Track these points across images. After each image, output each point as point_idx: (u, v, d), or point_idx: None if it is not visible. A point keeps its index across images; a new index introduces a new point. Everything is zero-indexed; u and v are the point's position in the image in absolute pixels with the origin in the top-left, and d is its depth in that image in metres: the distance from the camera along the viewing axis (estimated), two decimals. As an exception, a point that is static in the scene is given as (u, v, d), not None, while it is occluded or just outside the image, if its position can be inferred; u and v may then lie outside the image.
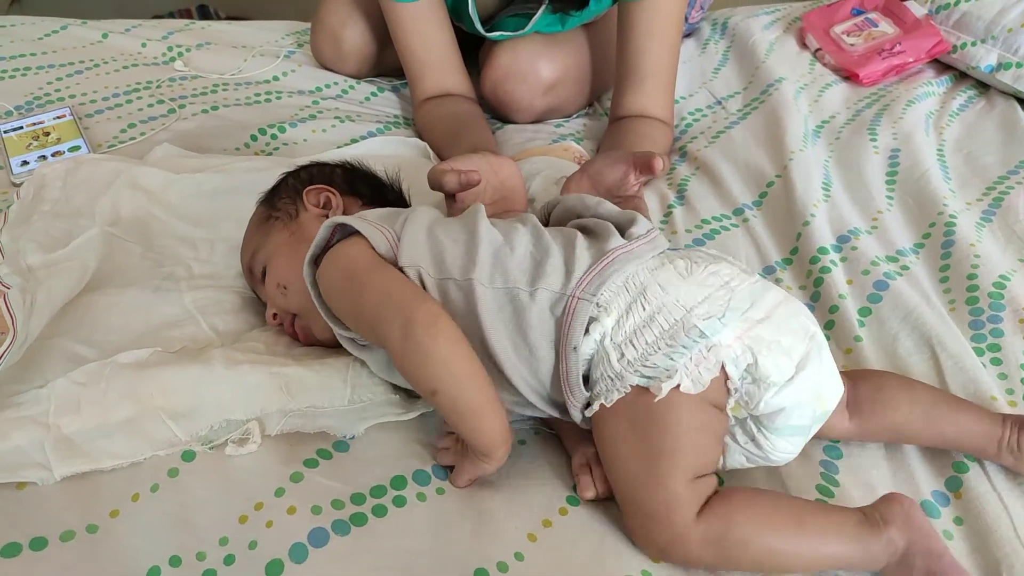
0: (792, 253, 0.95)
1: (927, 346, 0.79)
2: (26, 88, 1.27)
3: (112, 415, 0.67)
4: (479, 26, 1.20)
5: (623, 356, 0.63)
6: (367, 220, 0.71)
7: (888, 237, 0.96)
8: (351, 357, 0.73)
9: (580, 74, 1.26)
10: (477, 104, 1.22)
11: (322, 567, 0.61)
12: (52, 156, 1.08)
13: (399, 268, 0.69)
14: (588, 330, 0.64)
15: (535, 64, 1.20)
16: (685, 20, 1.27)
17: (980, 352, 0.79)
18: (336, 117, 1.22)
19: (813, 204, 0.99)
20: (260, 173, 0.97)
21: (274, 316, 0.79)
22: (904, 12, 1.41)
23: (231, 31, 1.52)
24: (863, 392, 0.70)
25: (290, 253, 0.77)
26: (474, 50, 1.32)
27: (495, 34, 1.21)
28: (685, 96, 1.34)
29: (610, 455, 0.65)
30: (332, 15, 1.33)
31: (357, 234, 0.70)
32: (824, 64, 1.40)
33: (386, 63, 1.34)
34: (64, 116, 1.16)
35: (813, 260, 0.91)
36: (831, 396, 0.66)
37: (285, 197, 0.83)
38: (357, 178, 0.86)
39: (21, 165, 1.06)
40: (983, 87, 1.32)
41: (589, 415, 0.66)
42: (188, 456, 0.68)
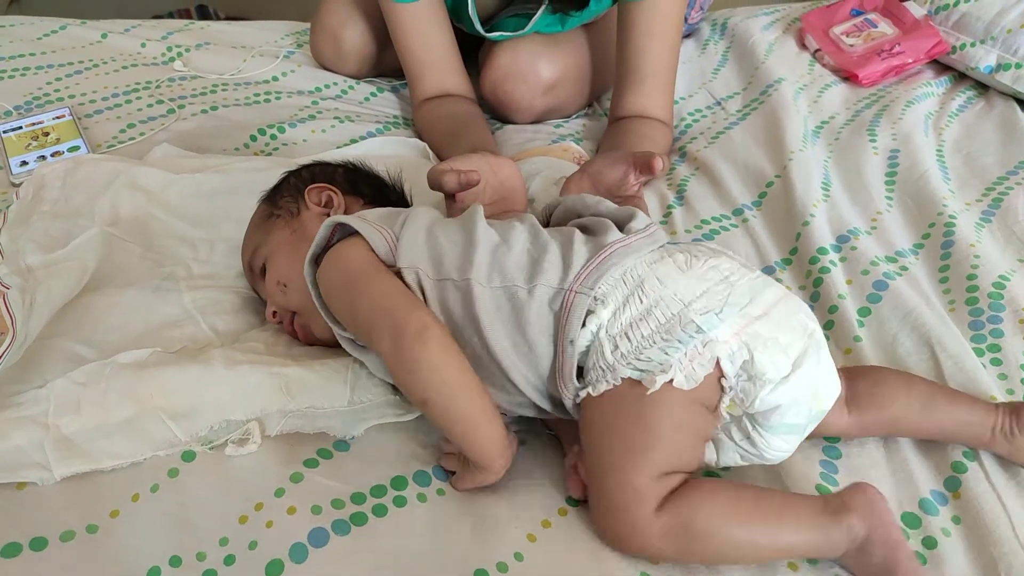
0: (792, 253, 0.95)
1: (927, 346, 0.79)
2: (25, 88, 1.27)
3: (112, 415, 0.67)
4: (479, 26, 1.20)
5: (616, 348, 0.63)
6: (367, 220, 0.71)
7: (887, 237, 0.96)
8: (351, 357, 0.73)
9: (580, 74, 1.26)
10: (477, 104, 1.22)
11: (322, 567, 0.61)
12: (51, 156, 1.08)
13: (398, 269, 0.68)
14: (585, 323, 0.64)
15: (535, 64, 1.20)
16: (685, 21, 1.27)
17: (980, 352, 0.80)
18: (336, 117, 1.22)
19: (812, 204, 0.99)
20: (259, 173, 0.97)
21: (274, 314, 0.79)
22: (903, 13, 1.41)
23: (230, 31, 1.52)
24: (861, 387, 0.70)
25: (291, 251, 0.77)
26: (474, 50, 1.32)
27: (495, 34, 1.21)
28: (685, 96, 1.34)
29: (588, 443, 0.64)
30: (332, 15, 1.33)
31: (357, 234, 0.70)
32: (823, 65, 1.40)
33: (386, 63, 1.34)
34: (63, 116, 1.16)
35: (812, 260, 0.91)
36: (828, 395, 0.66)
37: (287, 195, 0.83)
38: (359, 178, 0.86)
39: (20, 165, 1.06)
40: (982, 88, 1.32)
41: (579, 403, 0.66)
42: (188, 456, 0.68)
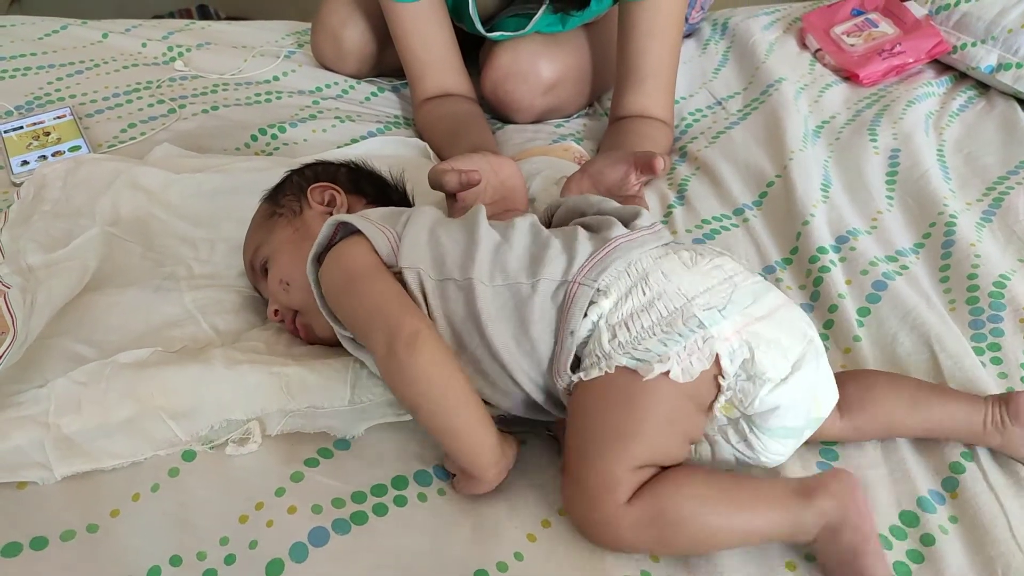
0: (792, 253, 0.95)
1: (926, 346, 0.79)
2: (26, 88, 1.27)
3: (112, 415, 0.67)
4: (479, 26, 1.20)
5: (615, 337, 0.63)
6: (369, 219, 0.71)
7: (888, 237, 0.96)
8: (352, 357, 0.73)
9: (580, 74, 1.26)
10: (477, 104, 1.22)
11: (322, 566, 0.61)
12: (52, 156, 1.08)
13: (400, 269, 0.68)
14: (587, 313, 0.64)
15: (535, 64, 1.20)
16: (685, 20, 1.27)
17: (980, 352, 0.79)
18: (336, 117, 1.22)
19: (813, 204, 0.99)
20: (260, 173, 0.97)
21: (275, 312, 0.79)
22: (904, 13, 1.41)
23: (231, 31, 1.52)
24: (852, 391, 0.70)
25: (294, 250, 0.77)
26: (474, 50, 1.32)
27: (495, 34, 1.21)
28: (685, 96, 1.34)
29: (571, 428, 0.64)
30: (332, 15, 1.33)
31: (359, 233, 0.70)
32: (824, 64, 1.40)
33: (386, 63, 1.34)
34: (64, 116, 1.16)
35: (812, 260, 0.91)
36: (826, 401, 0.66)
37: (289, 194, 0.83)
38: (362, 177, 0.86)
39: (21, 165, 1.06)
40: (983, 88, 1.32)
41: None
42: (188, 456, 0.68)
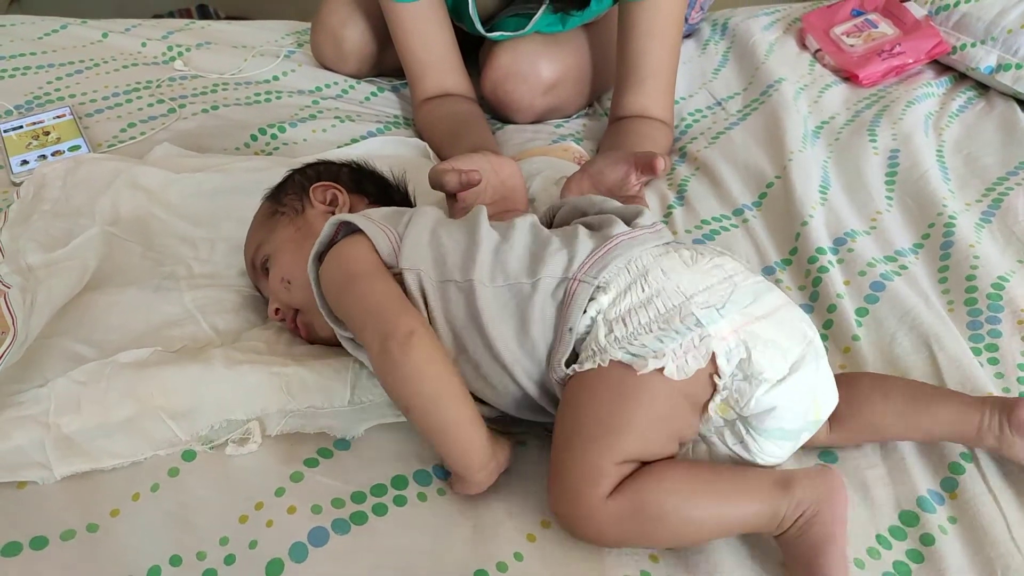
0: (791, 253, 0.95)
1: (925, 346, 0.79)
2: (26, 87, 1.27)
3: (112, 414, 0.67)
4: (479, 26, 1.20)
5: (611, 332, 0.63)
6: (371, 219, 0.71)
7: (887, 237, 0.96)
8: (352, 357, 0.73)
9: (580, 74, 1.26)
10: (477, 104, 1.22)
11: (322, 566, 0.61)
12: (52, 155, 1.08)
13: (400, 270, 0.68)
14: (586, 309, 0.64)
15: (535, 64, 1.20)
16: (685, 21, 1.27)
17: (978, 352, 0.80)
18: (336, 117, 1.22)
19: (812, 205, 0.99)
20: (260, 173, 0.97)
21: (276, 311, 0.79)
22: (904, 13, 1.41)
23: (231, 31, 1.52)
24: (839, 400, 0.68)
25: (295, 249, 0.77)
26: (474, 50, 1.32)
27: (495, 34, 1.21)
28: (685, 97, 1.34)
29: (560, 419, 0.64)
30: (332, 15, 1.33)
31: (361, 233, 0.70)
32: (824, 65, 1.40)
33: (386, 63, 1.34)
34: (64, 115, 1.16)
35: (811, 260, 0.91)
36: (825, 404, 0.65)
37: (291, 193, 0.83)
38: (364, 177, 0.86)
39: (21, 164, 1.07)
40: (983, 88, 1.32)
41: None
42: (188, 456, 0.68)
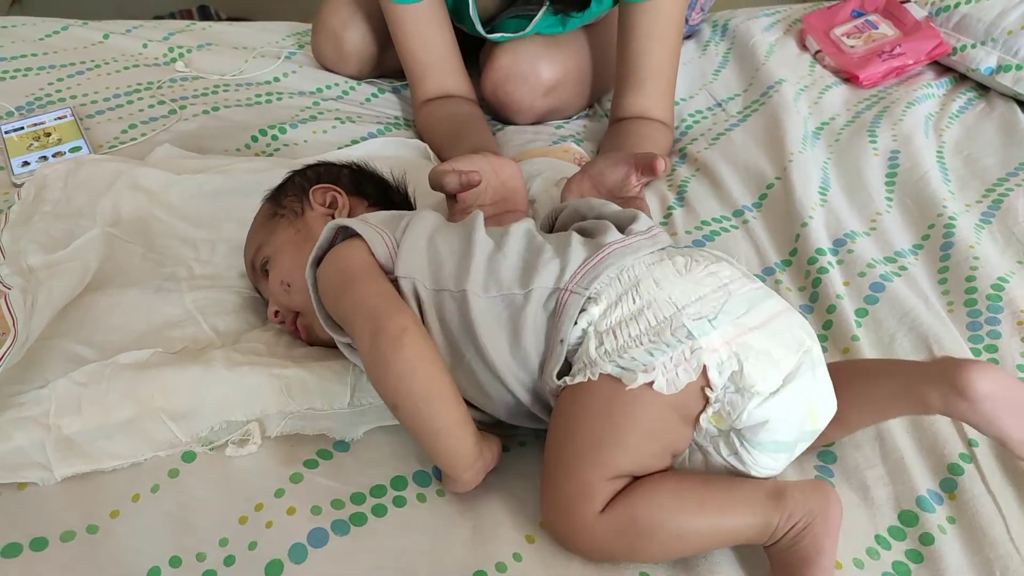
0: (791, 254, 0.95)
1: (924, 346, 0.79)
2: (27, 89, 1.27)
3: (113, 416, 0.67)
4: (480, 27, 1.20)
5: (601, 344, 0.62)
6: (369, 224, 0.71)
7: (887, 238, 0.96)
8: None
9: (581, 75, 1.26)
10: (478, 105, 1.22)
11: (322, 567, 0.61)
12: (53, 157, 1.08)
13: (395, 277, 0.68)
14: (577, 320, 0.64)
15: (536, 65, 1.20)
16: (686, 22, 1.27)
17: (977, 353, 0.80)
18: (337, 118, 1.22)
19: (812, 206, 0.99)
20: (261, 174, 0.97)
21: (276, 313, 0.79)
22: (904, 14, 1.41)
23: (232, 32, 1.52)
24: None
25: (295, 251, 0.77)
26: (475, 51, 1.33)
27: (496, 35, 1.21)
28: (685, 98, 1.34)
29: (552, 432, 0.63)
30: (333, 16, 1.33)
31: (359, 237, 0.70)
32: (824, 66, 1.40)
33: (387, 64, 1.34)
34: (65, 117, 1.17)
35: (811, 261, 0.92)
36: (823, 415, 0.63)
37: (291, 195, 0.83)
38: (364, 179, 0.86)
39: (22, 166, 1.07)
40: (983, 89, 1.32)
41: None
42: (188, 457, 0.68)
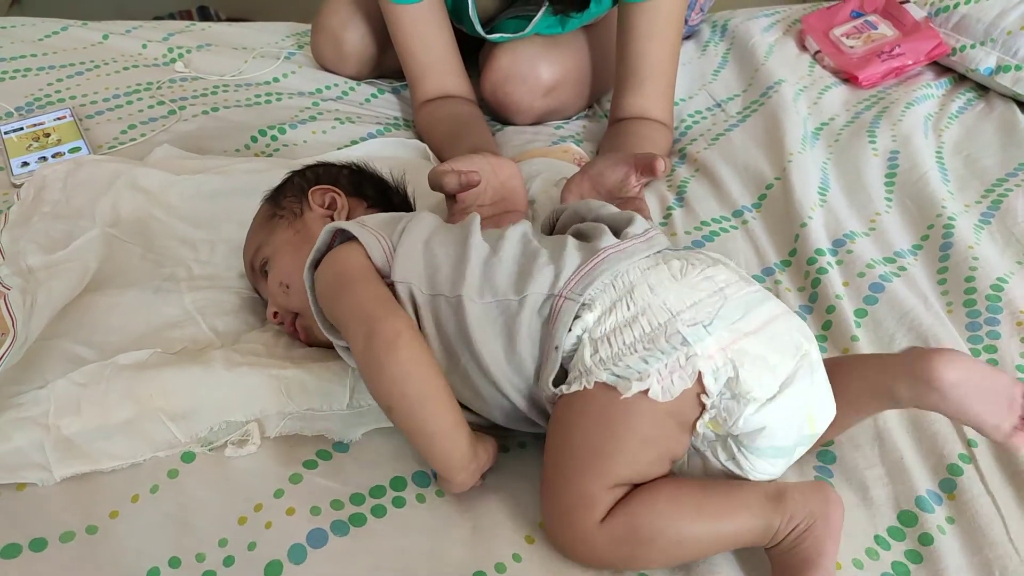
0: (791, 255, 0.95)
1: (923, 346, 0.79)
2: (26, 89, 1.27)
3: (112, 416, 0.67)
4: (479, 28, 1.20)
5: (596, 352, 0.61)
6: (367, 227, 0.70)
7: (886, 239, 0.96)
8: (351, 360, 0.73)
9: (580, 76, 1.26)
10: (477, 106, 1.22)
11: (321, 567, 0.61)
12: (52, 157, 1.08)
13: (392, 282, 0.68)
14: (572, 327, 0.63)
15: (535, 66, 1.20)
16: (685, 22, 1.27)
17: (976, 353, 0.80)
18: (336, 119, 1.22)
19: (811, 207, 0.99)
20: (260, 175, 0.97)
21: (275, 314, 0.79)
22: (903, 15, 1.41)
23: (231, 32, 1.52)
24: None
25: (293, 252, 0.77)
26: (474, 52, 1.32)
27: (495, 36, 1.21)
28: (685, 98, 1.34)
29: (550, 440, 0.63)
30: (333, 16, 1.33)
31: (356, 240, 0.70)
32: (823, 66, 1.41)
33: (386, 65, 1.34)
34: (64, 117, 1.17)
35: (810, 261, 0.92)
36: (821, 419, 0.63)
37: (290, 196, 0.83)
38: (363, 180, 0.86)
39: (21, 166, 1.07)
40: (982, 89, 1.32)
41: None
42: (188, 457, 0.68)
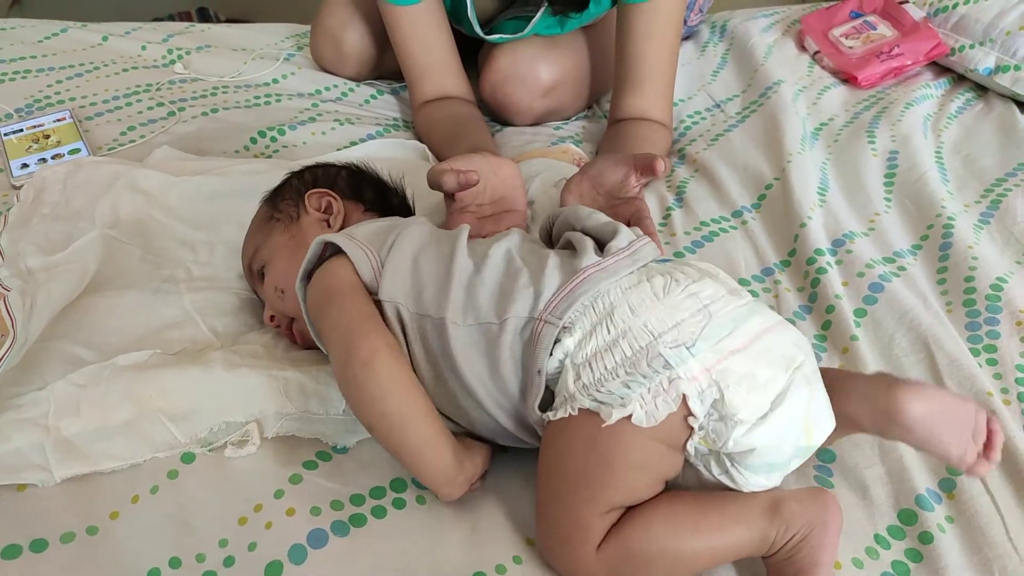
0: (790, 255, 0.95)
1: (923, 346, 0.80)
2: (26, 91, 1.27)
3: (112, 417, 0.67)
4: (478, 29, 1.20)
5: (579, 378, 0.60)
6: (356, 240, 0.69)
7: (885, 239, 0.96)
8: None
9: (579, 76, 1.26)
10: (476, 107, 1.22)
11: (321, 568, 0.61)
12: (52, 159, 1.08)
13: (378, 299, 0.67)
14: (552, 351, 0.62)
15: (534, 67, 1.20)
16: (684, 23, 1.27)
17: (976, 353, 0.80)
18: (336, 120, 1.23)
19: (810, 207, 0.99)
20: (259, 176, 0.97)
21: (271, 318, 0.79)
22: (902, 15, 1.41)
23: (231, 34, 1.52)
24: None
25: (289, 257, 0.77)
26: (473, 53, 1.33)
27: (494, 36, 1.21)
28: (684, 99, 1.34)
29: (541, 466, 0.63)
30: (332, 17, 1.33)
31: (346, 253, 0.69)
32: (823, 67, 1.41)
33: (386, 66, 1.34)
34: (64, 119, 1.17)
35: (810, 261, 0.92)
36: (820, 430, 0.61)
37: (288, 198, 0.83)
38: (361, 181, 0.85)
39: (21, 168, 1.07)
40: (981, 90, 1.32)
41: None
42: (187, 458, 0.68)
